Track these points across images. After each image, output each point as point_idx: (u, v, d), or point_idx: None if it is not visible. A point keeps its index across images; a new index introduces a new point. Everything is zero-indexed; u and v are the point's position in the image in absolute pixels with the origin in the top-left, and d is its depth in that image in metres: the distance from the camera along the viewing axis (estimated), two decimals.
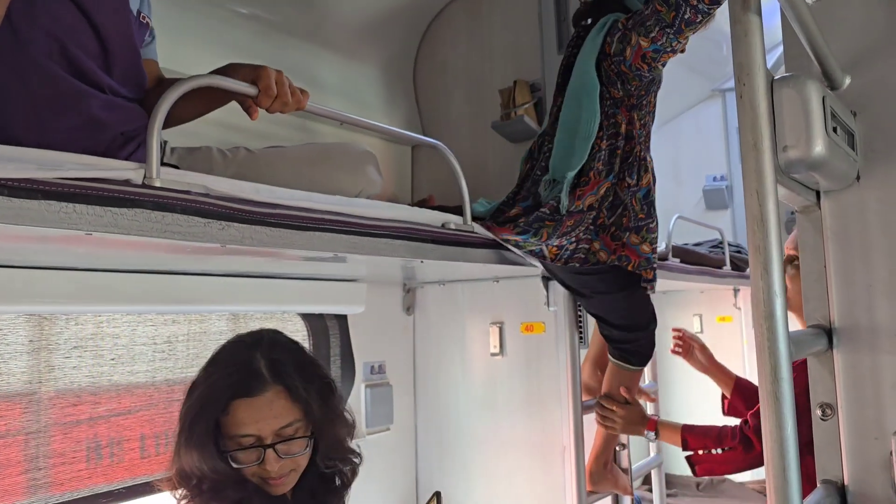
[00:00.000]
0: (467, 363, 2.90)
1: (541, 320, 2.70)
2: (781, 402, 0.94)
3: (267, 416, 1.36)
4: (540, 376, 2.70)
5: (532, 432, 2.70)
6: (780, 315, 0.95)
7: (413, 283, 3.02)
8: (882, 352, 1.21)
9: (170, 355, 2.11)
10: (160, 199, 1.20)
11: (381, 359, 2.86)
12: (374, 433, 2.79)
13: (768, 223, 0.96)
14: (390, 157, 3.09)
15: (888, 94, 1.23)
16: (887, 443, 1.18)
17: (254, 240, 1.35)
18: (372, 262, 2.07)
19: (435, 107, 3.08)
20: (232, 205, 1.33)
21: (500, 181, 2.82)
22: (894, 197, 1.22)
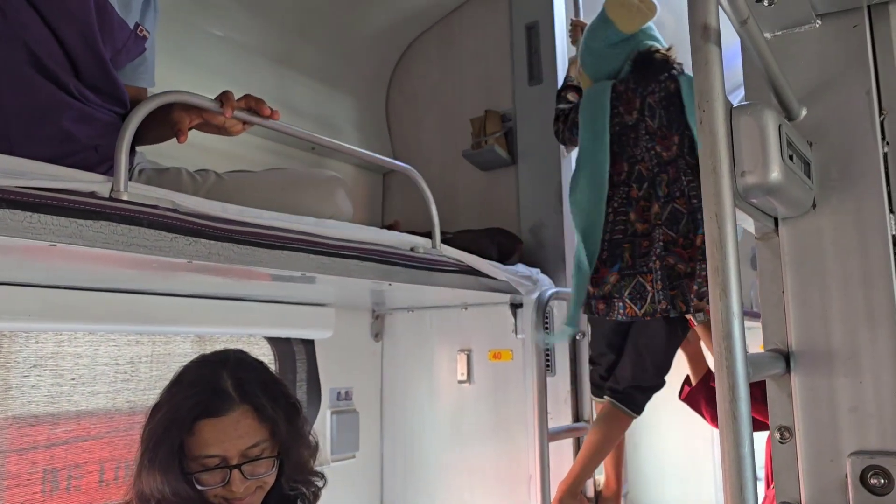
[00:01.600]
0: (435, 390, 2.89)
1: (508, 348, 2.71)
2: (739, 421, 0.95)
3: (233, 436, 1.34)
4: (507, 404, 2.71)
5: (498, 460, 2.70)
6: (737, 335, 0.97)
7: (382, 310, 3.02)
8: (838, 375, 1.23)
9: (132, 377, 2.08)
10: (127, 212, 1.20)
11: (348, 385, 2.85)
12: (340, 460, 2.76)
13: (727, 246, 0.99)
14: (362, 185, 3.11)
15: (842, 124, 1.28)
16: (843, 465, 1.21)
17: (221, 256, 1.35)
18: (340, 286, 2.07)
19: (406, 135, 3.11)
20: (200, 221, 1.33)
21: (469, 209, 2.85)
22: (848, 224, 1.25)
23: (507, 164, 2.78)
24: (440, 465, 2.83)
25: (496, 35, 2.88)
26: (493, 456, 2.71)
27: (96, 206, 1.16)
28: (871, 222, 1.24)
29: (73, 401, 1.94)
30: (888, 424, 1.18)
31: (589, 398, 2.51)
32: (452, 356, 2.84)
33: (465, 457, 2.79)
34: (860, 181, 1.25)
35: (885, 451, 1.17)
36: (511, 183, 2.77)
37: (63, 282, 1.77)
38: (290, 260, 1.50)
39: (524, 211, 2.71)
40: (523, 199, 2.72)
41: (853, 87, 1.28)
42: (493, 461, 2.71)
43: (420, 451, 2.89)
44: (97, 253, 1.20)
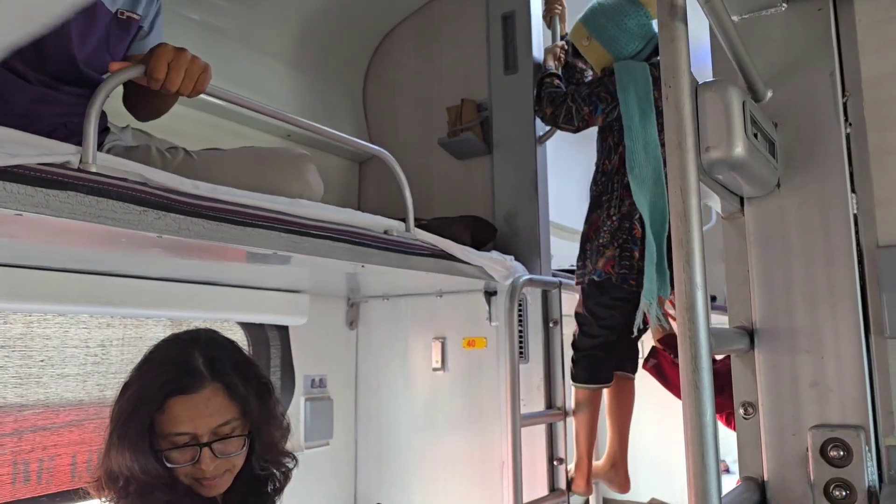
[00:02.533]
0: (409, 378, 2.90)
1: (483, 335, 2.73)
2: (701, 390, 0.97)
3: (203, 413, 1.34)
4: (481, 391, 2.72)
5: (472, 447, 2.71)
6: (700, 306, 0.99)
7: (357, 298, 3.02)
8: (800, 351, 1.26)
9: (103, 359, 2.06)
10: (95, 183, 1.19)
11: (323, 372, 2.84)
12: (314, 447, 2.76)
13: (690, 219, 1.00)
14: (338, 174, 3.11)
15: (806, 106, 1.31)
16: (804, 439, 1.23)
17: (191, 231, 1.34)
18: (314, 269, 2.07)
19: (383, 123, 3.11)
20: (169, 195, 1.32)
21: (445, 197, 2.86)
22: (811, 203, 1.28)
23: (482, 153, 2.79)
24: (414, 453, 2.84)
25: (473, 24, 2.89)
26: (466, 443, 2.72)
27: (64, 177, 1.15)
28: (833, 202, 1.26)
29: (42, 382, 1.92)
30: (848, 399, 1.21)
31: (561, 385, 2.53)
32: (427, 344, 2.85)
33: (438, 444, 2.80)
34: (823, 161, 1.28)
35: (845, 424, 1.20)
36: (486, 171, 2.78)
37: (33, 262, 1.76)
38: (261, 237, 1.49)
39: (499, 199, 2.72)
40: (498, 187, 2.73)
41: (817, 70, 1.30)
42: (466, 448, 2.72)
43: (394, 439, 2.89)
44: (64, 225, 1.19)
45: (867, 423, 1.19)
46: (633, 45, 2.14)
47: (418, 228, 2.02)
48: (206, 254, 1.67)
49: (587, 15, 2.26)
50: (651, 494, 4.87)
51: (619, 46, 2.15)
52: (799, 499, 1.23)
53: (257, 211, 1.51)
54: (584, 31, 2.23)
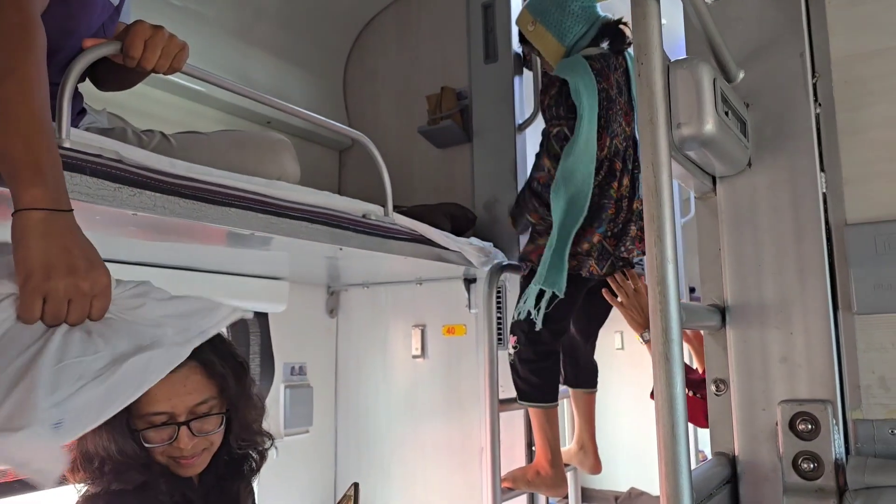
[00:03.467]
0: (389, 365, 2.91)
1: (462, 322, 2.74)
2: (672, 362, 0.99)
3: (181, 392, 1.32)
4: (460, 378, 2.74)
5: (451, 433, 2.72)
6: (671, 280, 1.00)
7: (337, 286, 3.02)
8: (770, 327, 1.28)
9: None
10: (69, 159, 1.19)
11: (303, 360, 2.85)
12: (293, 434, 2.76)
13: (662, 193, 1.02)
14: (318, 162, 3.10)
15: (777, 87, 1.32)
16: (773, 413, 1.25)
17: (166, 209, 1.34)
18: (294, 253, 2.07)
19: (364, 111, 3.12)
20: (145, 172, 1.32)
21: (425, 185, 2.87)
22: (781, 182, 1.30)
23: (462, 141, 2.80)
24: (394, 439, 2.85)
25: (453, 13, 2.90)
26: (445, 429, 2.73)
27: None
28: (803, 180, 1.29)
29: None
30: (816, 373, 1.23)
31: None
32: (407, 331, 2.86)
33: (418, 430, 2.81)
34: (793, 141, 1.30)
35: (813, 398, 1.22)
36: (466, 160, 2.79)
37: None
38: (238, 217, 1.49)
39: (479, 187, 2.73)
40: (478, 175, 2.74)
41: (788, 51, 1.32)
42: (445, 434, 2.74)
43: (374, 426, 2.90)
44: None
45: (835, 398, 1.22)
46: (578, 28, 2.09)
47: (398, 213, 2.03)
48: (182, 234, 1.66)
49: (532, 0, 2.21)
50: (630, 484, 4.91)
51: (563, 30, 2.10)
52: (768, 472, 1.25)
53: (234, 191, 1.51)
54: (528, 16, 2.18)
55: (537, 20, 2.13)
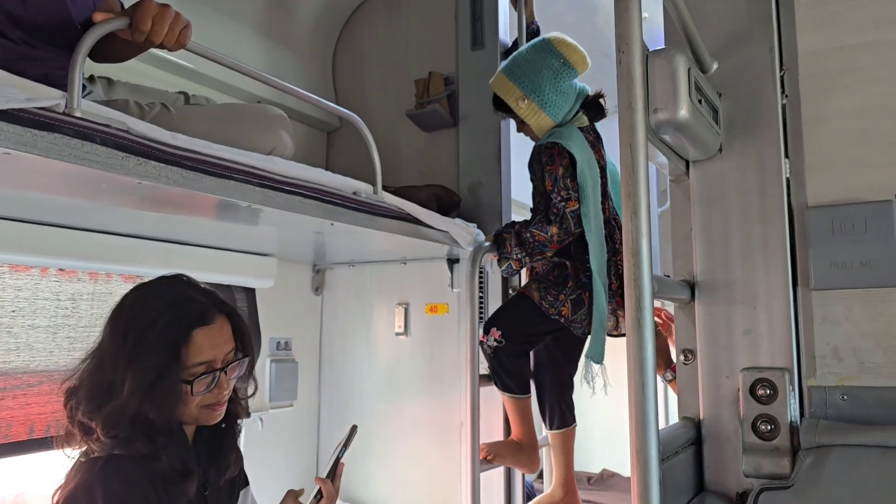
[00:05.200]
0: (372, 342, 2.99)
1: (445, 301, 2.83)
2: (643, 327, 1.08)
3: (219, 341, 1.42)
4: (442, 355, 2.82)
5: (432, 409, 2.81)
6: (645, 253, 1.09)
7: (323, 264, 3.09)
8: (735, 301, 1.38)
9: (73, 312, 2.11)
10: (80, 127, 1.25)
11: (288, 335, 2.92)
12: (278, 408, 2.84)
13: (638, 173, 1.11)
14: (307, 143, 3.16)
15: (749, 78, 1.42)
16: (736, 381, 1.35)
17: (169, 179, 1.41)
18: (283, 227, 2.14)
19: (352, 94, 3.17)
20: (150, 143, 1.38)
21: (411, 168, 2.94)
22: (749, 167, 1.40)
23: (448, 126, 2.87)
24: (376, 415, 2.94)
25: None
26: (426, 404, 2.82)
27: (51, 119, 1.20)
28: (769, 166, 1.39)
29: (13, 332, 1.97)
30: (776, 344, 1.34)
31: None
32: (390, 309, 2.94)
33: (400, 406, 2.90)
34: (761, 129, 1.40)
35: (773, 367, 1.33)
36: (452, 144, 2.87)
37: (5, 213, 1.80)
38: (236, 189, 1.56)
39: (464, 170, 2.81)
40: (463, 159, 2.82)
41: (758, 45, 1.42)
42: (427, 410, 2.83)
43: (357, 401, 2.99)
44: (50, 167, 1.25)
45: (792, 366, 1.32)
46: (569, 106, 2.15)
47: (386, 192, 2.10)
48: (180, 205, 1.73)
49: (517, 73, 2.16)
50: (602, 466, 5.04)
51: (558, 109, 2.13)
52: (730, 434, 1.36)
53: (233, 164, 1.57)
54: (517, 90, 2.15)
55: (529, 97, 2.11)
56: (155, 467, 1.35)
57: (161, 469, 1.36)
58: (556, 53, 2.15)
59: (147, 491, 1.33)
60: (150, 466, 1.35)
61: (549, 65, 2.13)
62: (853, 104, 1.35)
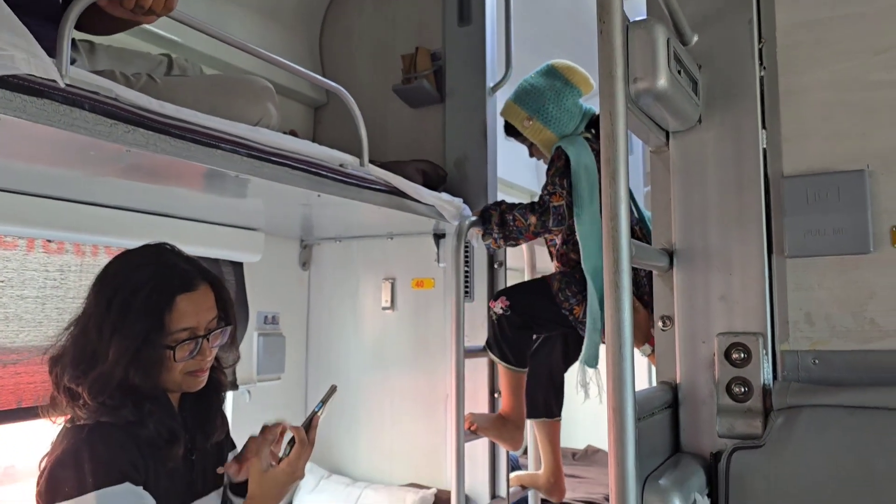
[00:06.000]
0: (359, 317, 3.02)
1: (431, 276, 2.86)
2: (621, 289, 1.11)
3: (203, 308, 1.42)
4: (427, 329, 2.86)
5: (418, 381, 2.86)
6: (623, 217, 1.12)
7: (310, 240, 3.11)
8: (712, 269, 1.42)
9: (61, 284, 2.12)
10: (69, 94, 1.26)
11: (276, 310, 2.94)
12: (266, 381, 2.87)
13: (617, 139, 1.14)
14: (294, 119, 3.16)
15: (728, 50, 1.45)
16: (712, 345, 1.39)
17: (157, 147, 1.43)
18: (270, 200, 2.16)
19: (339, 70, 3.18)
20: (139, 111, 1.40)
21: (398, 143, 2.96)
22: (727, 138, 1.43)
23: (435, 101, 2.89)
24: (363, 387, 2.98)
25: None
26: (413, 377, 2.87)
27: (40, 85, 1.22)
28: (747, 136, 1.42)
29: (2, 303, 1.98)
30: (751, 310, 1.38)
31: None
32: (377, 284, 2.98)
33: (386, 379, 2.94)
34: (740, 101, 1.43)
35: (747, 331, 1.37)
36: (438, 119, 2.89)
37: None
38: (223, 159, 1.58)
39: (450, 146, 2.83)
40: (449, 134, 2.84)
41: (737, 18, 1.44)
42: (412, 382, 2.87)
43: (344, 374, 3.02)
44: (39, 132, 1.26)
45: (766, 331, 1.36)
46: (574, 123, 2.25)
47: (372, 165, 2.12)
48: (167, 176, 1.75)
49: (522, 97, 2.28)
50: (587, 442, 5.13)
51: (562, 125, 2.23)
52: (705, 397, 1.40)
53: (220, 134, 1.59)
54: (522, 112, 2.27)
55: (534, 117, 2.23)
56: (141, 433, 1.36)
57: (147, 435, 1.37)
58: (559, 76, 2.28)
59: (134, 456, 1.34)
60: (137, 433, 1.35)
61: (551, 86, 2.26)
62: (828, 76, 1.38)
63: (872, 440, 1.22)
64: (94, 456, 1.30)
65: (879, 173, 1.33)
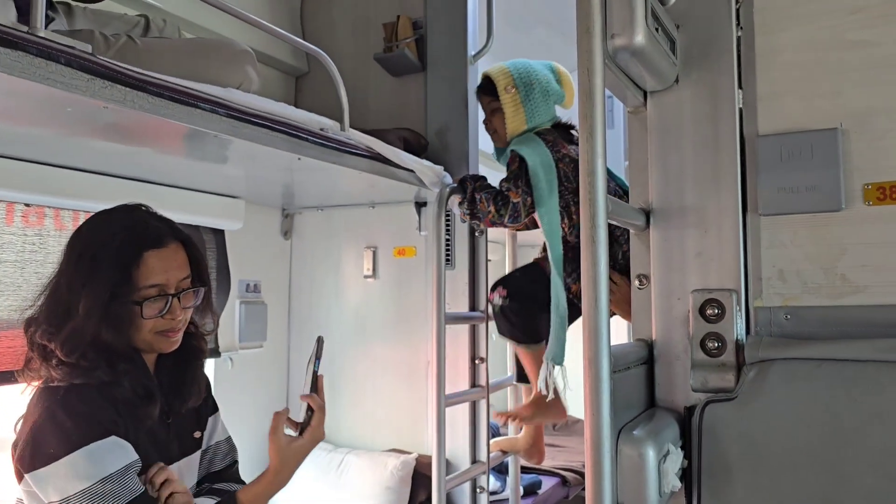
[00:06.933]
0: (341, 285, 3.03)
1: (412, 244, 2.87)
2: (597, 244, 1.13)
3: (173, 266, 1.41)
4: (409, 297, 2.88)
5: (399, 348, 2.88)
6: (600, 172, 1.14)
7: (292, 209, 3.11)
8: (688, 226, 1.44)
9: (40, 248, 2.11)
10: (44, 47, 1.25)
11: (257, 278, 2.94)
12: (248, 348, 2.88)
13: (595, 96, 1.15)
14: (274, 88, 3.14)
15: (705, 10, 1.46)
16: (687, 302, 1.42)
17: (136, 104, 1.42)
18: (251, 165, 2.15)
19: (320, 37, 3.14)
20: (116, 67, 1.39)
21: (379, 112, 2.95)
22: (704, 97, 1.44)
23: (416, 70, 2.88)
24: (345, 355, 2.99)
25: None
26: (394, 345, 2.89)
27: (14, 37, 1.21)
28: (723, 96, 1.43)
29: None
30: (725, 266, 1.40)
31: (484, 290, 2.70)
32: (359, 253, 2.99)
33: (369, 347, 2.96)
34: (716, 60, 1.44)
35: (721, 287, 1.39)
36: (420, 88, 2.88)
37: None
38: (202, 118, 1.57)
39: (431, 115, 2.82)
40: (431, 103, 2.84)
41: None
42: (394, 350, 2.89)
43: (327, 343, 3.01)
44: (14, 86, 1.25)
45: (740, 287, 1.38)
46: (543, 119, 2.26)
47: (354, 130, 2.12)
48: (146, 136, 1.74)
49: (519, 67, 2.29)
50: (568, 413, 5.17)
51: (536, 114, 2.25)
52: (679, 353, 1.42)
53: (200, 93, 1.58)
54: (511, 79, 2.27)
55: (519, 90, 2.23)
56: (117, 393, 1.36)
57: (123, 394, 1.37)
58: (556, 75, 2.33)
59: (113, 414, 1.34)
60: (113, 392, 1.35)
61: (546, 77, 2.29)
62: (803, 36, 1.40)
63: (840, 391, 1.25)
64: (74, 414, 1.31)
65: (852, 132, 1.35)
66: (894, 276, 1.31)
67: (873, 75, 1.35)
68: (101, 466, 1.28)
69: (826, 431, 1.25)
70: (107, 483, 1.27)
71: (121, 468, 1.30)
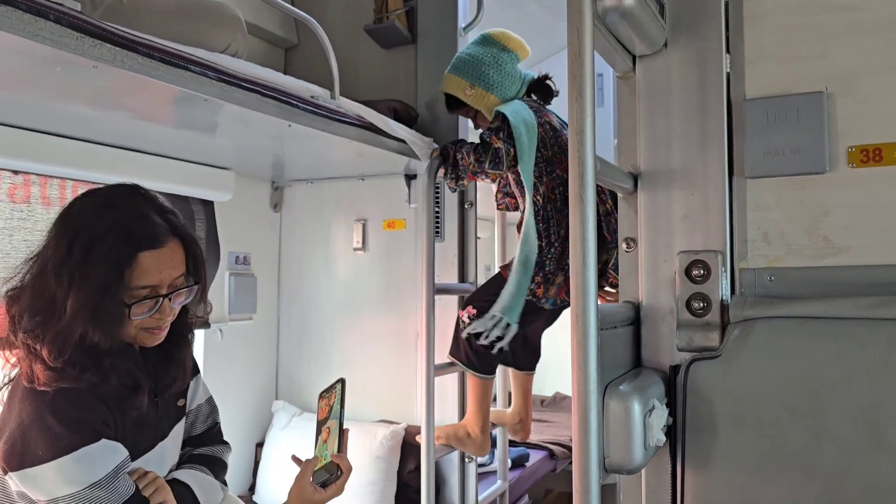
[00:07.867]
0: (331, 258, 3.04)
1: (402, 217, 2.88)
2: (586, 202, 1.15)
3: (168, 265, 1.36)
4: (399, 269, 2.89)
5: (389, 320, 2.89)
6: (588, 131, 1.15)
7: (281, 182, 3.11)
8: (675, 189, 1.45)
9: (29, 216, 2.11)
10: (33, 3, 1.25)
11: (247, 251, 2.95)
12: (237, 320, 2.88)
13: (584, 56, 1.16)
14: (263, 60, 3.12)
15: None
16: (674, 264, 1.44)
17: (125, 64, 1.41)
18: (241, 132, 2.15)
19: (311, 8, 3.12)
20: (105, 26, 1.38)
21: (369, 85, 2.94)
22: (693, 61, 1.45)
23: (406, 42, 2.87)
24: (335, 327, 3.01)
25: None
26: (384, 316, 2.90)
27: None
28: (711, 60, 1.44)
29: None
30: (711, 228, 1.42)
31: (474, 262, 2.72)
32: (349, 225, 2.99)
33: (358, 319, 2.97)
34: (705, 25, 1.45)
35: (707, 249, 1.41)
36: (410, 60, 2.88)
37: None
38: (192, 80, 1.57)
39: (421, 87, 2.82)
40: (421, 76, 2.83)
41: None
42: (384, 321, 2.91)
43: (316, 315, 3.05)
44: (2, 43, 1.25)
45: (725, 249, 1.40)
46: (515, 87, 2.25)
47: (344, 98, 2.12)
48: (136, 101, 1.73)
49: (461, 67, 2.27)
50: (555, 389, 5.23)
51: (504, 89, 2.23)
52: (665, 314, 1.45)
53: (189, 56, 1.58)
54: (463, 82, 2.25)
55: (476, 84, 2.21)
56: (105, 390, 1.33)
57: (111, 390, 1.34)
58: (495, 43, 2.28)
59: (103, 413, 1.32)
60: (101, 390, 1.33)
61: (488, 53, 2.26)
62: (790, 1, 1.41)
63: (822, 347, 1.28)
64: (64, 419, 1.28)
65: (837, 95, 1.37)
66: (876, 236, 1.33)
67: (858, 39, 1.36)
68: (90, 472, 1.26)
69: (808, 386, 1.28)
70: (95, 489, 1.25)
71: (110, 471, 1.28)
